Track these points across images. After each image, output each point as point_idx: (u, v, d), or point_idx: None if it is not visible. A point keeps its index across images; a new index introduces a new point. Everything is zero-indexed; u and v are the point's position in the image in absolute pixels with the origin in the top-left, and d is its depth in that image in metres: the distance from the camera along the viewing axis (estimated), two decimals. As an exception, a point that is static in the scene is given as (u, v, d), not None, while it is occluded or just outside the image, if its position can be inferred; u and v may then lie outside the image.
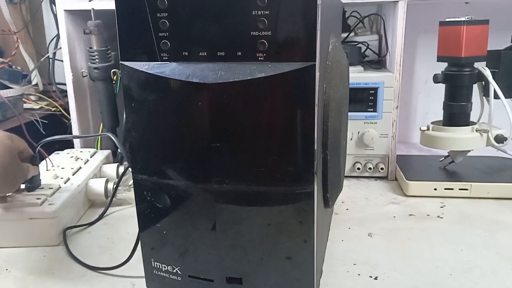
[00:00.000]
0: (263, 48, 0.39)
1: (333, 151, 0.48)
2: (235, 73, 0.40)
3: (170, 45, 0.42)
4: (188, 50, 0.41)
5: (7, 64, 1.05)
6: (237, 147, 0.43)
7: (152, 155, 0.46)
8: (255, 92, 0.40)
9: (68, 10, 0.86)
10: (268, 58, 0.39)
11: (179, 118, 0.43)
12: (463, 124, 0.78)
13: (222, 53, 0.41)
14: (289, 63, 0.39)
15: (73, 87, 0.90)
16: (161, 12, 0.41)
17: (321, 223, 0.50)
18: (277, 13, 0.38)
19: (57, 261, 0.60)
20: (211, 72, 0.41)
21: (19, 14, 1.15)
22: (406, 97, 1.12)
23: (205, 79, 0.41)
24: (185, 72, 0.42)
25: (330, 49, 0.48)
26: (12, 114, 0.94)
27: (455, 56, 0.75)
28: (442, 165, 0.85)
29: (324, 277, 0.54)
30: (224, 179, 0.43)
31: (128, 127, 0.46)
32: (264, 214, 0.44)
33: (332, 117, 0.46)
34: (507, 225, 0.67)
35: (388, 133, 0.86)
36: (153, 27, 0.42)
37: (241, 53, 0.40)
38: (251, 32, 0.39)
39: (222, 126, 0.42)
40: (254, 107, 0.41)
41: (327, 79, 0.45)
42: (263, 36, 0.39)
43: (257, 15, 0.38)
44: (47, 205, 0.64)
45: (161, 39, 0.42)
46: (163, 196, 0.46)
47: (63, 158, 0.83)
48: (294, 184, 0.42)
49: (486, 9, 0.97)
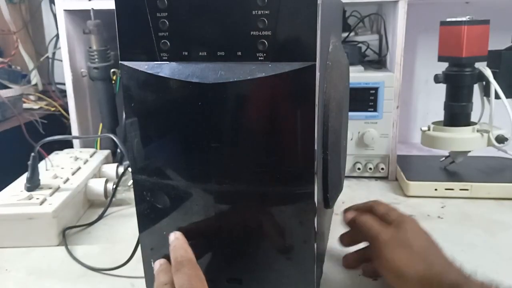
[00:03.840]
0: (263, 48, 0.39)
1: (333, 151, 0.48)
2: (235, 73, 0.40)
3: (170, 45, 0.42)
4: (188, 50, 0.41)
5: (6, 64, 1.05)
6: (237, 147, 0.42)
7: (151, 155, 0.46)
8: (255, 92, 0.40)
9: (67, 10, 0.86)
10: (268, 58, 0.39)
11: (179, 118, 0.43)
12: (464, 124, 0.78)
13: (222, 53, 0.40)
14: (289, 63, 0.39)
15: (73, 87, 0.90)
16: (161, 12, 0.41)
17: (322, 223, 0.49)
18: (277, 13, 0.38)
19: (57, 261, 0.60)
20: (211, 72, 0.41)
21: (18, 14, 1.14)
22: (406, 97, 1.12)
23: (205, 79, 0.41)
24: (184, 72, 0.41)
25: (331, 49, 0.48)
26: (12, 114, 0.93)
27: (456, 56, 0.75)
28: (443, 165, 0.84)
29: (325, 277, 0.54)
30: (224, 179, 0.43)
31: (127, 127, 0.45)
32: (264, 215, 0.44)
33: (332, 117, 0.45)
34: (508, 225, 0.67)
35: (388, 133, 0.86)
36: (153, 27, 0.42)
37: (241, 53, 0.40)
38: (251, 32, 0.39)
39: (222, 126, 0.42)
40: (254, 107, 0.41)
41: (327, 79, 0.45)
42: (263, 36, 0.39)
43: (257, 14, 0.38)
44: (47, 205, 0.64)
45: (161, 39, 0.42)
46: (162, 196, 0.46)
47: (63, 158, 0.83)
48: (294, 185, 0.42)
49: (487, 9, 0.97)
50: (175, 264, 0.41)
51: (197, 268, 0.41)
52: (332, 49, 0.48)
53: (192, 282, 0.39)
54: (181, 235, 0.44)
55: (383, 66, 0.95)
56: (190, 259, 0.42)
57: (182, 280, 0.39)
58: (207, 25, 0.40)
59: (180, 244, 0.43)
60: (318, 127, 0.41)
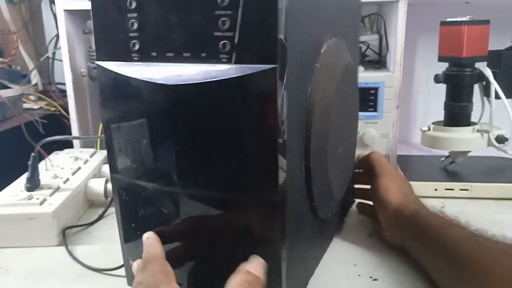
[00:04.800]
0: (226, 49, 0.37)
1: (318, 158, 0.46)
2: (197, 74, 0.39)
3: (139, 45, 0.41)
4: (156, 51, 0.41)
5: (6, 64, 1.05)
6: (198, 151, 0.41)
7: (122, 155, 0.46)
8: (215, 95, 0.39)
9: (67, 10, 0.86)
10: (231, 60, 0.38)
11: (146, 119, 0.43)
12: (464, 124, 0.78)
13: (188, 54, 0.39)
14: (251, 65, 0.37)
15: (73, 87, 0.90)
16: (131, 12, 0.41)
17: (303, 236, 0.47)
18: (238, 13, 0.36)
19: (57, 261, 0.60)
20: (176, 73, 0.40)
21: (18, 14, 1.14)
22: (406, 97, 1.12)
23: (167, 81, 0.40)
24: (151, 73, 0.41)
25: (323, 50, 0.46)
26: (12, 114, 0.93)
27: (456, 56, 0.75)
28: (443, 165, 0.84)
29: (324, 278, 0.54)
30: (187, 183, 0.42)
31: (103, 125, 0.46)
32: (228, 223, 0.42)
33: (316, 122, 0.44)
34: (508, 225, 0.67)
35: (388, 133, 0.86)
36: (124, 27, 0.41)
37: (205, 54, 0.38)
38: (214, 33, 0.38)
39: (182, 129, 0.41)
40: (213, 110, 0.39)
41: (314, 82, 0.43)
42: (225, 37, 0.37)
43: (219, 15, 0.37)
44: (47, 205, 0.64)
45: (131, 40, 0.41)
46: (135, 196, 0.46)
47: (63, 158, 0.83)
48: (257, 192, 0.40)
49: (487, 9, 0.97)
50: (141, 263, 0.42)
51: (163, 263, 0.41)
52: (326, 50, 0.46)
53: (157, 277, 0.39)
54: (153, 234, 0.44)
55: (383, 66, 0.95)
56: (156, 255, 0.41)
57: (147, 277, 0.39)
58: (173, 26, 0.39)
59: (150, 242, 0.43)
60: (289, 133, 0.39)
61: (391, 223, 0.58)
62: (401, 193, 0.60)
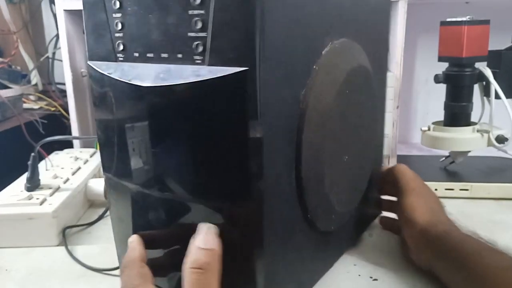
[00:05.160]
0: (200, 50, 0.36)
1: (313, 167, 0.43)
2: (172, 76, 0.38)
3: (123, 46, 0.41)
4: (138, 51, 0.41)
5: (6, 64, 1.05)
6: (172, 154, 0.40)
7: (109, 154, 0.46)
8: (187, 97, 0.38)
9: (67, 10, 0.86)
10: (205, 61, 0.36)
11: (124, 120, 0.43)
12: (464, 124, 0.78)
13: (165, 55, 0.39)
14: (225, 67, 0.35)
15: (73, 87, 0.90)
16: (116, 13, 0.41)
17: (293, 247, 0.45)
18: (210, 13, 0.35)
19: (57, 261, 0.60)
20: (153, 75, 0.39)
21: (18, 14, 1.14)
22: (406, 97, 1.12)
23: (144, 82, 0.39)
24: (131, 74, 0.41)
25: (325, 52, 0.43)
26: (12, 114, 0.93)
27: (456, 57, 0.75)
28: (443, 165, 0.84)
29: (324, 277, 0.54)
30: (164, 186, 0.41)
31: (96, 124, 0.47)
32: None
33: (309, 129, 0.41)
34: (508, 225, 0.67)
35: (388, 133, 0.86)
36: (110, 28, 0.42)
37: (181, 55, 0.38)
38: (188, 33, 0.37)
39: (156, 131, 0.40)
40: (186, 113, 0.38)
41: (308, 86, 0.41)
42: (199, 37, 0.36)
43: (193, 15, 0.36)
44: (47, 205, 0.64)
45: (116, 40, 0.42)
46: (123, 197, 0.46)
47: (63, 158, 0.83)
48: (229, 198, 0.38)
49: (487, 9, 0.97)
50: (121, 267, 0.41)
51: (140, 266, 0.40)
52: (329, 51, 0.44)
53: (133, 281, 0.39)
54: (137, 237, 0.43)
55: (383, 66, 0.95)
56: (133, 259, 0.41)
57: (123, 281, 0.40)
58: (152, 26, 0.39)
59: (132, 246, 0.43)
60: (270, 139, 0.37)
61: (417, 243, 0.53)
62: (428, 211, 0.54)
